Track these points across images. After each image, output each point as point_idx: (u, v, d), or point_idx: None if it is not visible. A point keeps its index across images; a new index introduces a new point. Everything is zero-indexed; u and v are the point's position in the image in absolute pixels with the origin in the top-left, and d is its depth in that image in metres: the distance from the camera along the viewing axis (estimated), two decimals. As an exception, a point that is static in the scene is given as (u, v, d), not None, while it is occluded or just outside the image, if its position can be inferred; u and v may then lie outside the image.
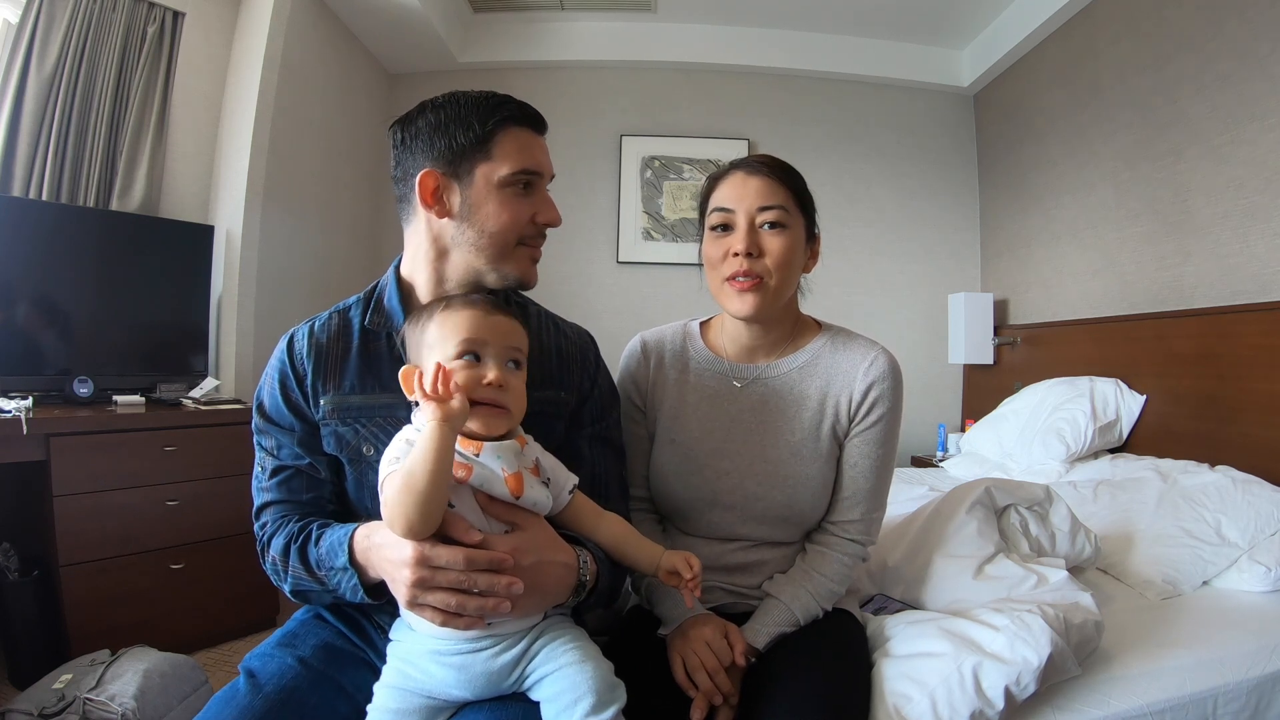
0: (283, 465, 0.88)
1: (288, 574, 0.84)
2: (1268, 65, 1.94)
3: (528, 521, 0.80)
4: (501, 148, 0.86)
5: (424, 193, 0.86)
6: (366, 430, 0.87)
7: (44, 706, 1.38)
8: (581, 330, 1.04)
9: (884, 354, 1.05)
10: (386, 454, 0.77)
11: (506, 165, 0.86)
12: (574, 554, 0.83)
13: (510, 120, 0.87)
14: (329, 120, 3.04)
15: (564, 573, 0.81)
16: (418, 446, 0.70)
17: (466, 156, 0.85)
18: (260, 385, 0.91)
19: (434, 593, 0.72)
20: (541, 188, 0.91)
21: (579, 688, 0.75)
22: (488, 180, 0.86)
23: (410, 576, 0.71)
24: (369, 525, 0.80)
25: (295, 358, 0.89)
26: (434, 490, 0.69)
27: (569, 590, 0.81)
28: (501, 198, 0.86)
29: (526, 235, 0.89)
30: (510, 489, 0.77)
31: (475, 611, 0.73)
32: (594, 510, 0.89)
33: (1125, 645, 1.11)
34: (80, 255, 2.10)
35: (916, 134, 3.62)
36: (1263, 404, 1.87)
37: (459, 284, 0.89)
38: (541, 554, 0.78)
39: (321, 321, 0.92)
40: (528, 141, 0.89)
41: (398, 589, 0.74)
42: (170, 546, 1.97)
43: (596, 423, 0.99)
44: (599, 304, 3.50)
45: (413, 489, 0.69)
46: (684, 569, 0.84)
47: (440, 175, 0.86)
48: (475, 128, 0.85)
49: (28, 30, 2.08)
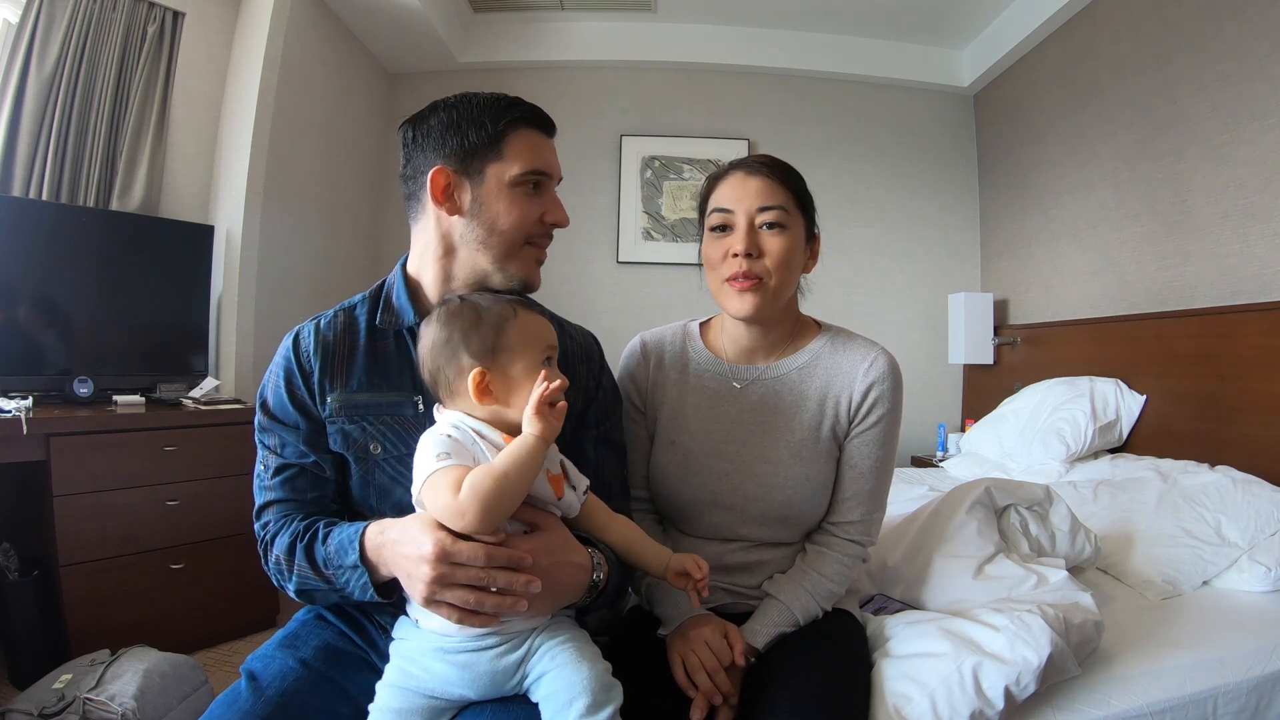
0: (287, 463, 0.88)
1: (293, 573, 0.83)
2: (1268, 65, 1.94)
3: (546, 522, 0.80)
4: (513, 148, 0.87)
5: (435, 190, 0.86)
6: (374, 428, 0.87)
7: (44, 706, 1.38)
8: (586, 332, 1.04)
9: (884, 354, 1.05)
10: (427, 449, 0.76)
11: (518, 165, 0.87)
12: (588, 555, 0.83)
13: (522, 121, 0.89)
14: (329, 120, 3.04)
15: (578, 573, 0.81)
16: (515, 453, 0.74)
17: (478, 155, 0.86)
18: (264, 383, 0.91)
19: (453, 589, 0.72)
20: (550, 189, 0.92)
21: (574, 688, 0.75)
22: (499, 179, 0.87)
23: (430, 573, 0.71)
24: (381, 523, 0.79)
25: (301, 355, 0.89)
26: (520, 493, 0.75)
27: (582, 590, 0.82)
28: (512, 197, 0.87)
29: (534, 234, 0.90)
30: (553, 489, 0.79)
31: (493, 609, 0.73)
32: (605, 511, 0.89)
33: (1125, 645, 1.11)
34: (80, 255, 2.09)
35: (916, 134, 3.62)
36: (1263, 404, 1.87)
37: (465, 283, 0.90)
38: (558, 555, 0.79)
39: (327, 319, 0.92)
40: (538, 143, 0.90)
41: (414, 585, 0.74)
42: (170, 546, 1.97)
43: (601, 424, 0.99)
44: (599, 304, 3.50)
45: (505, 491, 0.72)
46: (694, 570, 0.85)
47: (452, 173, 0.87)
48: (488, 127, 0.86)
49: (28, 30, 2.08)
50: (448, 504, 0.72)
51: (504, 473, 0.72)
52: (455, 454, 0.74)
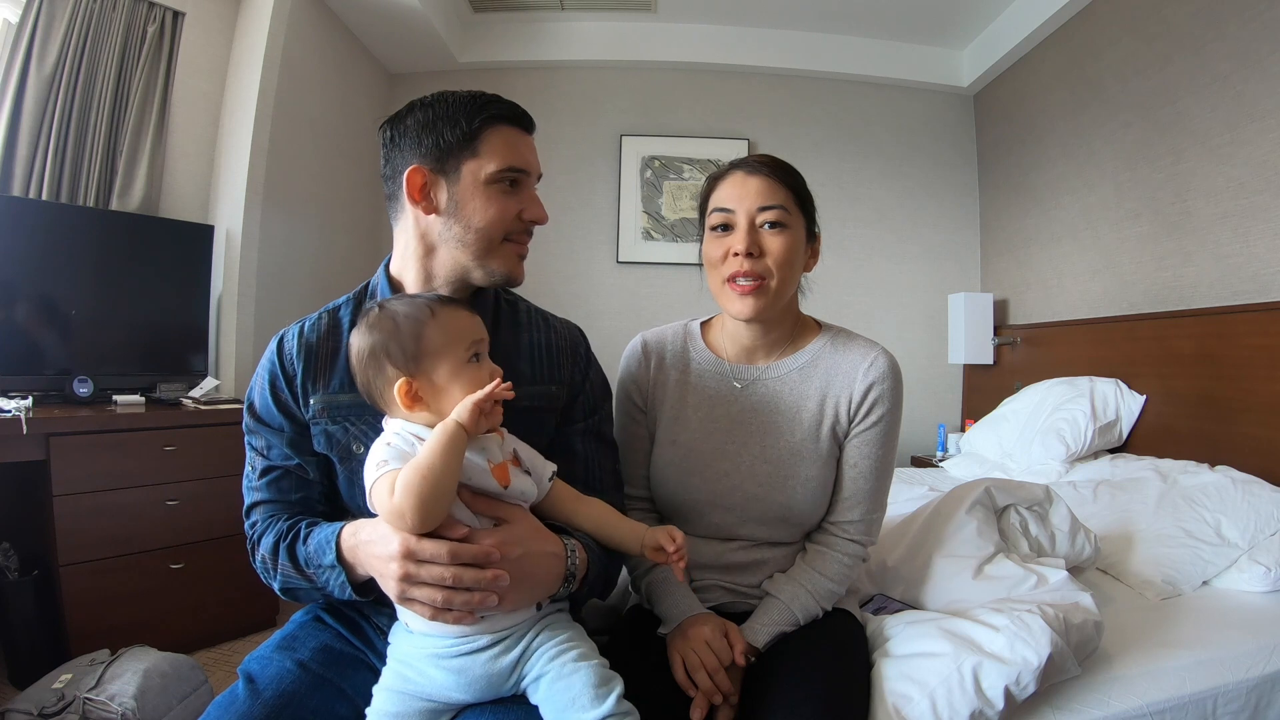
0: (272, 465, 0.89)
1: (277, 572, 0.85)
2: (1268, 66, 1.94)
3: (513, 514, 0.80)
4: (489, 145, 0.87)
5: (411, 189, 0.86)
6: (356, 429, 0.87)
7: (44, 706, 1.37)
8: (571, 325, 1.04)
9: (884, 354, 1.05)
10: (371, 458, 0.77)
11: (493, 162, 0.86)
12: (561, 543, 0.83)
13: (498, 118, 0.88)
14: (329, 120, 3.04)
15: (552, 562, 0.81)
16: (434, 443, 0.72)
17: (453, 153, 0.86)
18: (250, 386, 0.92)
19: (420, 588, 0.73)
20: (528, 185, 0.92)
21: (574, 687, 0.75)
22: (474, 177, 0.86)
23: (398, 570, 0.72)
24: (356, 523, 0.80)
25: (285, 358, 0.89)
26: (450, 482, 0.73)
27: (558, 580, 0.81)
28: (488, 194, 0.87)
29: (513, 231, 0.90)
30: (497, 480, 0.78)
31: (462, 606, 0.73)
32: (573, 495, 0.89)
33: (1125, 645, 1.11)
34: (80, 255, 2.09)
35: (916, 134, 3.62)
36: (1263, 404, 1.87)
37: (446, 281, 0.90)
38: (528, 545, 0.78)
39: (311, 322, 0.92)
40: (515, 140, 0.89)
41: (387, 584, 0.75)
42: (170, 546, 1.97)
43: (589, 417, 0.99)
44: (599, 304, 3.50)
45: (433, 483, 0.71)
46: (667, 543, 0.84)
47: (428, 172, 0.86)
48: (463, 125, 0.86)
49: (28, 30, 2.07)
50: (388, 507, 0.72)
51: (428, 464, 0.71)
52: (394, 460, 0.74)
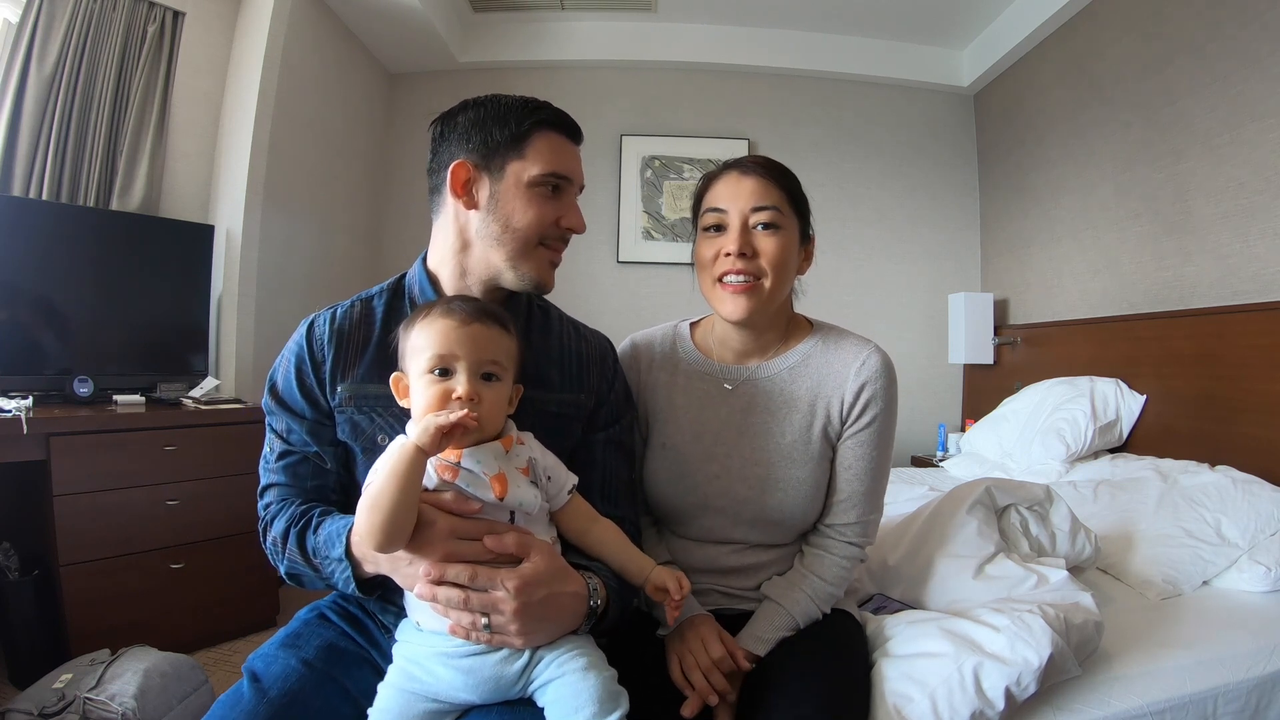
0: (290, 449, 0.89)
1: (284, 556, 0.85)
2: (1268, 66, 1.94)
3: (537, 551, 0.78)
4: (535, 148, 0.88)
5: (455, 183, 0.87)
6: (382, 419, 0.87)
7: (44, 706, 1.37)
8: (601, 336, 1.05)
9: (876, 352, 1.04)
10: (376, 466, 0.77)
11: (538, 165, 0.87)
12: (583, 582, 0.82)
13: (547, 124, 0.89)
14: (329, 120, 3.04)
15: (575, 602, 0.80)
16: (386, 465, 0.72)
17: (500, 152, 0.87)
18: (275, 366, 0.92)
19: (441, 587, 0.75)
20: (570, 194, 0.93)
21: (581, 696, 0.75)
22: (518, 178, 0.87)
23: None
24: None
25: (315, 343, 0.89)
26: (405, 503, 0.72)
27: (580, 619, 0.81)
28: (529, 196, 0.88)
29: (548, 237, 0.90)
30: (495, 491, 0.77)
31: (479, 640, 0.76)
32: (589, 514, 0.89)
33: (1125, 645, 1.11)
34: (80, 255, 2.09)
35: (916, 134, 3.62)
36: (1263, 404, 1.87)
37: (479, 279, 0.91)
38: (551, 586, 0.77)
39: (344, 309, 0.92)
40: (561, 146, 0.90)
41: (402, 581, 0.78)
42: (170, 546, 1.97)
43: (611, 426, 0.99)
44: (599, 304, 3.50)
45: (385, 507, 0.71)
46: (674, 590, 0.84)
47: (472, 167, 0.88)
48: (512, 126, 0.87)
49: (28, 30, 2.07)
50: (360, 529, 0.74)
51: (378, 488, 0.72)
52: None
